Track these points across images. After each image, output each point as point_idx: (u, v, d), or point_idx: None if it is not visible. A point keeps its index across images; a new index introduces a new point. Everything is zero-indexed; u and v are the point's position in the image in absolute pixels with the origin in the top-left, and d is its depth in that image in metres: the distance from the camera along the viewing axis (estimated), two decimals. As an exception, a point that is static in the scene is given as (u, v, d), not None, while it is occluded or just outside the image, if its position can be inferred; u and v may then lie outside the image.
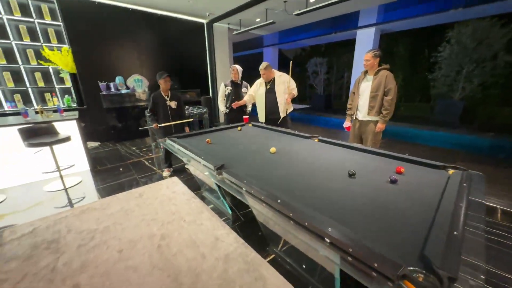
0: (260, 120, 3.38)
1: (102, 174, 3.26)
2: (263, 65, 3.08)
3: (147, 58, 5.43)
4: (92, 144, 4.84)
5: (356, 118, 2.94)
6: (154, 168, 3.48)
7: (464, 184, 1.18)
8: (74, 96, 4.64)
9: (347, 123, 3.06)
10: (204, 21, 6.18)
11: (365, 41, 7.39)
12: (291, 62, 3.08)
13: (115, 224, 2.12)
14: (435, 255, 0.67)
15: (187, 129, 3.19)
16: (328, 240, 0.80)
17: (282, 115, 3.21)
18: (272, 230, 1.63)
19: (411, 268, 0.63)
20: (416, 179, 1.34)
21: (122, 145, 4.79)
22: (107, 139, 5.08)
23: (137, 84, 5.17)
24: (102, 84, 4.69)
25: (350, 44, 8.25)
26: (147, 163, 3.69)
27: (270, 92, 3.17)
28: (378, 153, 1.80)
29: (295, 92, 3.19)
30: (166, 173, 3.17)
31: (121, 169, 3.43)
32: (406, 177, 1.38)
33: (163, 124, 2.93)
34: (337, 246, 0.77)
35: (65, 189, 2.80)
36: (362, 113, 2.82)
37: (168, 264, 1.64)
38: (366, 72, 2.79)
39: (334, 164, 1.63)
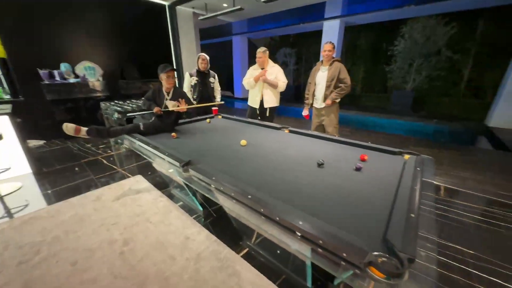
0: (252, 106, 3.22)
1: (49, 177, 2.84)
2: (262, 48, 2.97)
3: (100, 43, 4.79)
4: (35, 142, 4.17)
5: (314, 106, 3.17)
6: (115, 166, 3.16)
7: (418, 168, 1.30)
8: (5, 85, 3.89)
9: (305, 112, 3.31)
10: (165, 3, 5.66)
11: (331, 32, 7.64)
12: None
13: (67, 232, 1.88)
14: (396, 239, 0.72)
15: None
16: (299, 234, 0.81)
17: (270, 105, 3.12)
18: (244, 224, 1.61)
19: (376, 253, 0.66)
20: (377, 166, 1.45)
21: (73, 143, 4.23)
22: (54, 136, 4.40)
23: (88, 73, 4.54)
24: (43, 72, 4.01)
25: (317, 36, 8.45)
26: (105, 161, 3.34)
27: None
28: (345, 142, 1.89)
29: (282, 86, 3.03)
30: None
31: (76, 169, 3.04)
32: (369, 164, 1.47)
33: (171, 109, 2.28)
34: (307, 238, 0.78)
35: (0, 197, 2.38)
36: (319, 101, 3.06)
37: (132, 272, 1.51)
38: (321, 63, 2.99)
39: (304, 155, 1.66)
